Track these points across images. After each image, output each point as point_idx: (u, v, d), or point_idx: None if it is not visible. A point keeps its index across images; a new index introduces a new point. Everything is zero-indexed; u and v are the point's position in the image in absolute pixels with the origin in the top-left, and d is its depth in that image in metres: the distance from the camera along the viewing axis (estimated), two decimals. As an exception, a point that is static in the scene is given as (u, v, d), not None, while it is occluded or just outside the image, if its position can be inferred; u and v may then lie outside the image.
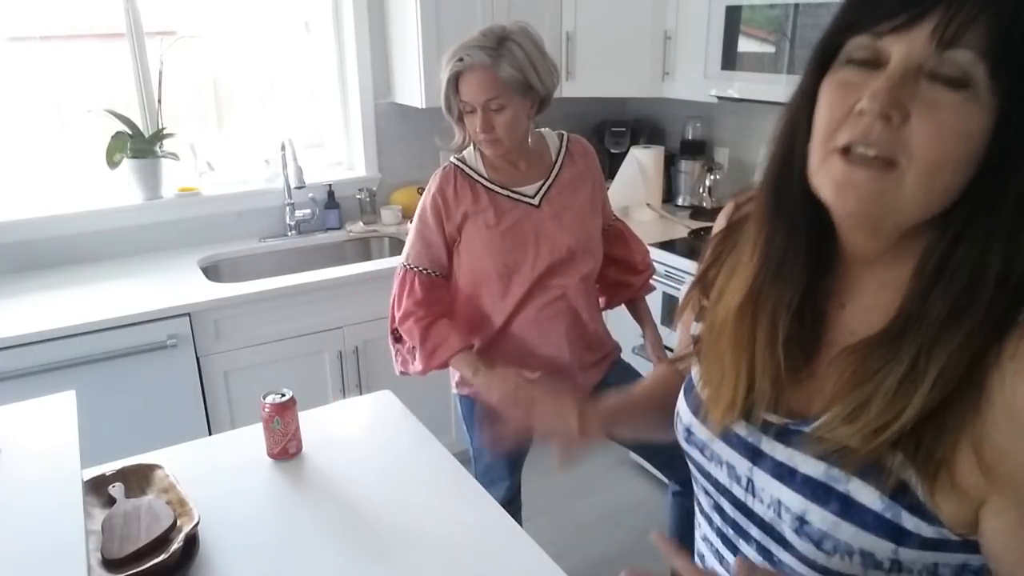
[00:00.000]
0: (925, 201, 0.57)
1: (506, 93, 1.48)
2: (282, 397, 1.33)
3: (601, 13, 2.65)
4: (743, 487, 0.73)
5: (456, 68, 1.48)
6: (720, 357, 0.73)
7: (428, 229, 1.61)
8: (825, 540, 0.65)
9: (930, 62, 0.54)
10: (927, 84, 0.55)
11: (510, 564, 1.10)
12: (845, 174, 0.58)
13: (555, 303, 1.62)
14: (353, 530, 1.17)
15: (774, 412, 0.70)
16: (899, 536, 0.61)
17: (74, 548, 0.96)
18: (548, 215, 1.60)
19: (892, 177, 0.56)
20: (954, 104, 0.54)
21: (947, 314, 0.57)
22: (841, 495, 0.63)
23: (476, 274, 1.61)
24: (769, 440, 0.70)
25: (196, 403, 2.20)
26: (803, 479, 0.66)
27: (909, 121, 0.55)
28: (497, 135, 1.51)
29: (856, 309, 0.67)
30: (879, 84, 0.55)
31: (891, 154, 0.56)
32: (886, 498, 0.61)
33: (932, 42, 0.54)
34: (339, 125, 2.89)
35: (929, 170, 0.55)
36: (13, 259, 2.36)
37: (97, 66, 2.46)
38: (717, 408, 0.73)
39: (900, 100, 0.55)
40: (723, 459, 0.75)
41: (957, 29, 0.53)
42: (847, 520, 0.63)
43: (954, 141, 0.54)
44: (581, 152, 1.68)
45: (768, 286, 0.69)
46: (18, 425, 1.29)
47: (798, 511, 0.66)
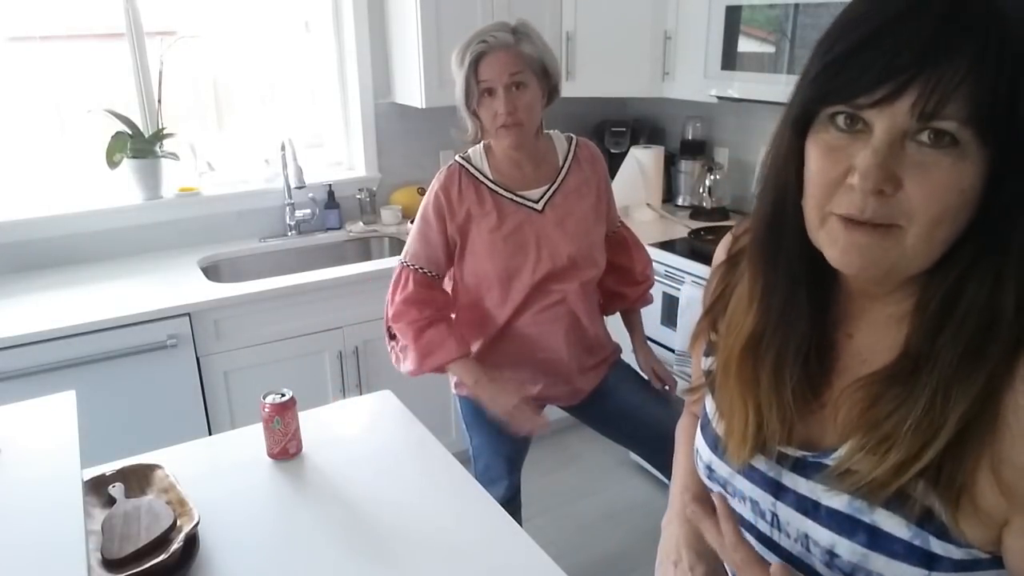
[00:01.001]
0: (928, 253, 0.58)
1: (527, 70, 1.50)
2: (282, 397, 1.33)
3: (601, 13, 2.65)
4: (768, 522, 0.73)
5: (480, 49, 1.47)
6: (729, 395, 0.74)
7: (429, 228, 1.60)
8: (857, 572, 0.65)
9: (914, 128, 0.55)
10: (915, 146, 0.55)
11: (510, 564, 1.10)
12: (848, 238, 0.59)
13: (554, 307, 1.62)
14: (353, 530, 1.17)
15: (788, 444, 0.70)
16: (930, 562, 0.61)
17: (74, 548, 0.96)
18: (551, 221, 1.59)
19: (893, 238, 0.57)
20: (944, 164, 0.54)
21: (962, 355, 0.58)
22: (868, 526, 0.63)
23: (478, 277, 1.61)
24: (789, 473, 0.70)
25: (196, 403, 2.20)
26: (827, 512, 0.66)
27: (903, 187, 0.56)
28: (519, 117, 1.50)
29: (865, 339, 0.68)
30: (868, 160, 0.56)
31: (891, 219, 0.57)
32: (913, 526, 0.61)
33: (913, 116, 0.54)
34: (339, 125, 2.89)
35: (929, 227, 0.56)
36: (13, 259, 2.36)
37: (97, 66, 2.46)
38: (732, 443, 0.73)
39: (891, 171, 0.55)
40: (746, 495, 0.75)
41: (938, 102, 0.53)
42: (876, 551, 0.63)
43: (949, 198, 0.55)
44: (588, 157, 1.67)
45: (771, 335, 0.69)
46: (18, 425, 1.29)
47: (827, 545, 0.66)
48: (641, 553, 2.33)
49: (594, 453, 2.83)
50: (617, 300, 1.82)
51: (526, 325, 1.62)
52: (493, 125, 1.52)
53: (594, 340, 1.72)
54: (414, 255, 1.62)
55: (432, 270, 1.62)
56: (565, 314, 1.63)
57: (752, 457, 0.73)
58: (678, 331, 2.34)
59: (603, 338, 1.76)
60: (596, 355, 1.73)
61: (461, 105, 1.54)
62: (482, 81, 1.48)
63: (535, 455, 1.85)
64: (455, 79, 1.53)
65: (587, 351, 1.71)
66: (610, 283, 1.77)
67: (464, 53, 1.49)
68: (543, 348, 1.65)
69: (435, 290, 1.64)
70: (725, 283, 0.79)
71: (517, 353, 1.65)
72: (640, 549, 2.35)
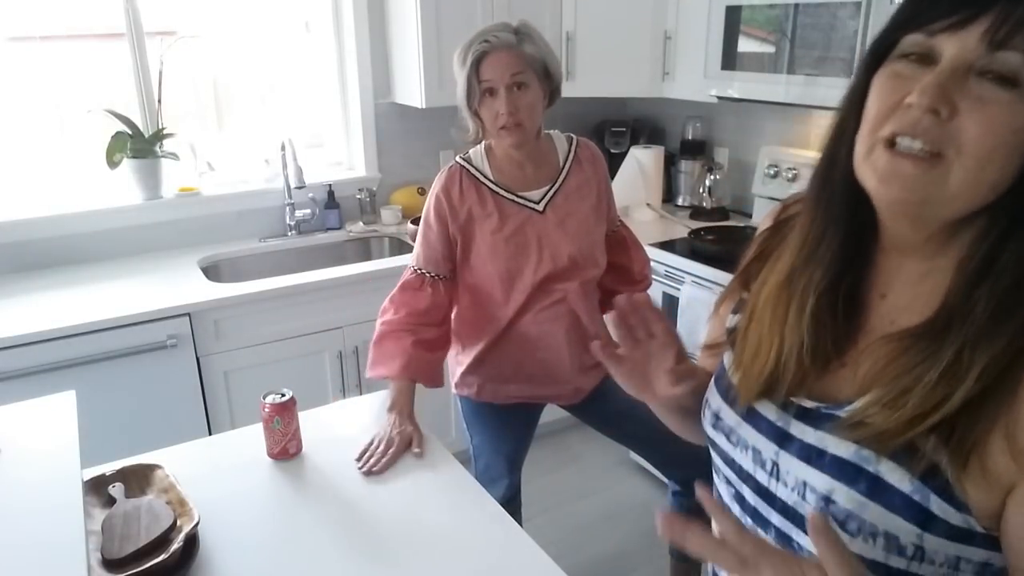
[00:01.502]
0: (970, 194, 0.58)
1: (529, 71, 1.50)
2: (282, 397, 1.33)
3: (601, 13, 2.65)
4: (767, 471, 0.73)
5: (482, 48, 1.47)
6: (756, 336, 0.74)
7: (429, 229, 1.60)
8: (850, 520, 0.64)
9: (981, 61, 0.56)
10: (976, 81, 0.56)
11: (510, 564, 1.10)
12: (891, 164, 0.60)
13: (555, 306, 1.62)
14: (353, 530, 1.17)
15: (806, 397, 0.70)
16: (925, 520, 0.61)
17: (74, 548, 0.96)
18: (552, 222, 1.59)
19: (938, 169, 0.58)
20: (1003, 101, 0.55)
21: (993, 311, 0.58)
22: (871, 475, 0.63)
23: (479, 278, 1.61)
24: (798, 423, 0.70)
25: (196, 403, 2.20)
26: (832, 460, 0.66)
27: (958, 115, 0.56)
28: (520, 117, 1.50)
29: (897, 299, 0.68)
30: (929, 79, 0.57)
31: (939, 147, 0.57)
32: (916, 480, 0.61)
33: (984, 42, 0.55)
34: (339, 125, 2.89)
35: (976, 163, 0.57)
36: (13, 259, 2.36)
37: (97, 66, 2.46)
38: (745, 386, 0.74)
39: (949, 95, 0.56)
40: (749, 443, 0.75)
41: (1009, 31, 0.54)
42: (875, 500, 0.63)
43: (1002, 136, 0.56)
44: (589, 158, 1.67)
45: (801, 268, 0.71)
46: (18, 425, 1.29)
47: (824, 491, 0.66)
48: (641, 553, 2.34)
49: (594, 453, 2.83)
50: (623, 277, 1.80)
51: (527, 325, 1.62)
52: (494, 125, 1.52)
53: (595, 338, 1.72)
54: (416, 255, 1.64)
55: (429, 270, 1.61)
56: (566, 313, 1.63)
57: (758, 399, 0.73)
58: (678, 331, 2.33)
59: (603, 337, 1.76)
60: None
61: (462, 105, 1.54)
62: (484, 81, 1.48)
63: (535, 455, 1.85)
64: (456, 79, 1.53)
65: (587, 350, 1.71)
66: (607, 282, 1.77)
67: (466, 53, 1.49)
68: (544, 347, 1.65)
69: (421, 291, 1.60)
70: (765, 246, 0.80)
71: (519, 352, 1.65)
72: (640, 549, 2.35)
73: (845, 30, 1.96)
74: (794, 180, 2.50)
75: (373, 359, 1.58)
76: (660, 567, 2.10)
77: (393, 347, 1.55)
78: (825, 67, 2.04)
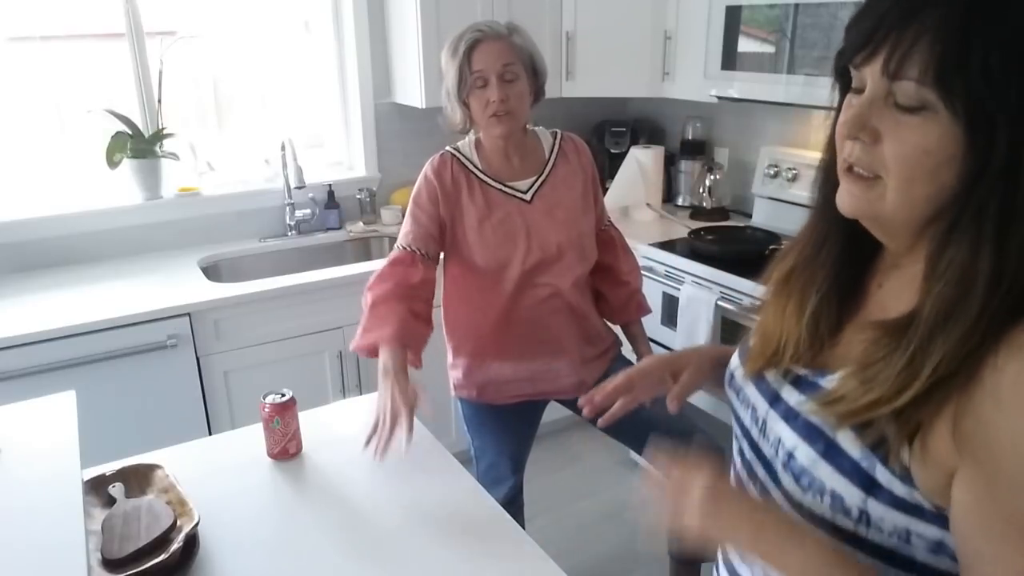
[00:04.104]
0: (908, 208, 0.65)
1: (519, 63, 1.52)
2: (282, 397, 1.33)
3: (601, 13, 2.65)
4: (759, 428, 0.81)
5: (474, 37, 1.50)
6: (764, 318, 0.84)
7: (421, 211, 1.59)
8: (803, 475, 0.71)
9: (885, 89, 0.62)
10: (892, 107, 0.62)
11: (510, 564, 1.10)
12: (845, 185, 0.69)
13: (551, 300, 1.62)
14: (353, 530, 1.17)
15: (802, 367, 0.77)
16: (870, 486, 0.66)
17: (74, 548, 0.96)
18: (540, 211, 1.60)
19: (876, 190, 0.65)
20: (913, 125, 0.61)
21: (938, 314, 0.62)
22: (828, 439, 0.69)
23: (467, 267, 1.61)
24: (788, 387, 0.78)
25: (196, 403, 2.20)
26: (803, 421, 0.73)
27: (881, 141, 0.63)
28: (510, 106, 1.51)
29: (891, 290, 0.74)
30: (849, 111, 0.65)
31: (873, 170, 0.65)
32: (865, 448, 0.66)
33: (883, 75, 0.61)
34: (339, 125, 2.89)
35: (902, 181, 0.63)
36: (13, 259, 2.36)
37: (97, 66, 2.46)
38: (751, 358, 0.84)
39: (867, 124, 0.64)
40: (750, 402, 0.83)
41: (899, 62, 0.60)
42: (827, 460, 0.69)
43: (917, 156, 0.61)
44: (573, 149, 1.68)
45: (800, 271, 0.79)
46: (18, 425, 1.29)
47: (789, 447, 0.74)
48: (641, 553, 2.33)
49: (594, 453, 2.83)
50: (602, 304, 1.78)
51: (526, 319, 1.63)
52: (484, 114, 1.53)
53: (593, 330, 1.72)
54: (403, 235, 1.61)
55: (419, 247, 1.58)
56: (563, 306, 1.64)
57: (758, 372, 0.82)
58: (678, 331, 2.34)
59: (602, 329, 1.76)
60: (597, 346, 1.74)
61: (452, 95, 1.55)
62: (476, 71, 1.50)
63: (536, 455, 1.85)
64: (445, 70, 1.55)
65: (588, 341, 1.71)
66: (594, 281, 1.76)
67: (458, 43, 1.51)
68: (544, 341, 1.65)
69: (413, 267, 1.56)
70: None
71: (519, 349, 1.65)
72: (640, 549, 2.35)
73: (845, 30, 1.96)
74: (794, 180, 2.50)
75: (365, 326, 1.51)
76: (660, 567, 2.10)
77: (386, 312, 1.50)
78: (825, 67, 2.04)
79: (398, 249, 1.60)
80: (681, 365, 1.06)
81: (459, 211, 1.58)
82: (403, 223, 1.64)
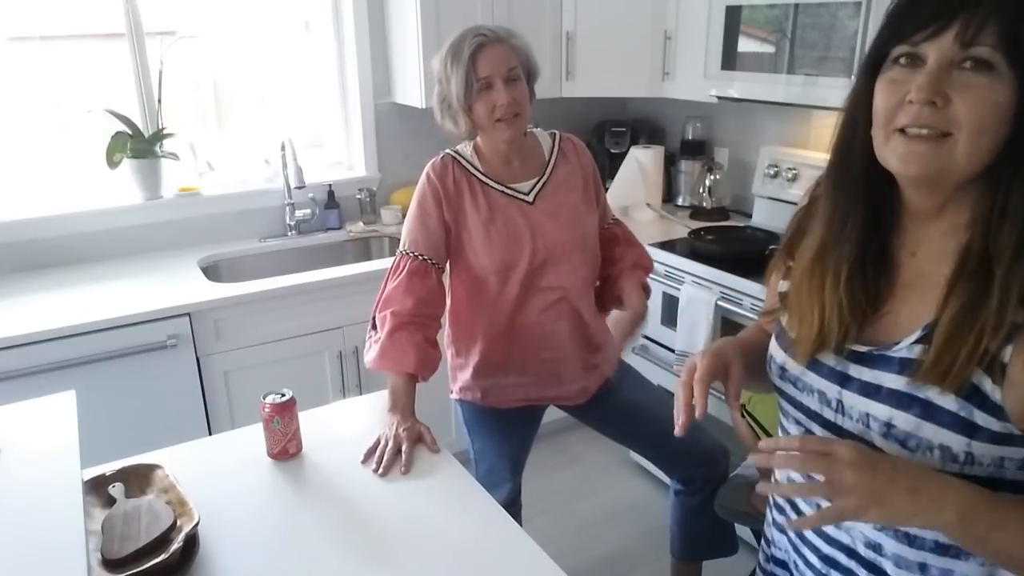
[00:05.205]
0: (975, 159, 0.73)
1: (519, 66, 1.52)
2: (282, 397, 1.33)
3: (601, 13, 2.65)
4: (833, 408, 0.87)
5: (478, 41, 1.48)
6: (800, 303, 0.89)
7: (427, 215, 1.57)
8: (909, 439, 0.78)
9: (958, 56, 0.71)
10: (959, 72, 0.72)
11: (510, 564, 1.10)
12: (907, 147, 0.75)
13: (556, 305, 1.62)
14: (353, 530, 1.17)
15: (858, 343, 0.84)
16: (972, 431, 0.74)
17: (74, 548, 0.96)
18: (543, 212, 1.59)
19: (946, 145, 0.73)
20: (983, 83, 0.71)
21: (1015, 248, 0.72)
22: (922, 401, 0.77)
23: (472, 272, 1.60)
24: (856, 366, 0.84)
25: (196, 403, 2.20)
26: (888, 392, 0.80)
27: (951, 102, 0.72)
28: (518, 107, 1.51)
29: (926, 255, 0.82)
30: (922, 79, 0.73)
31: (944, 128, 0.73)
32: (960, 399, 0.75)
33: (957, 44, 0.71)
34: (339, 125, 2.89)
35: (975, 135, 0.72)
36: (13, 259, 2.36)
37: (97, 66, 2.46)
38: (800, 345, 0.89)
39: (940, 88, 0.72)
40: (814, 388, 0.89)
41: (974, 32, 0.70)
42: (928, 420, 0.76)
43: (989, 110, 0.71)
44: (572, 150, 1.68)
45: (831, 245, 0.86)
46: (18, 425, 1.29)
47: (885, 419, 0.80)
48: (641, 553, 2.34)
49: (594, 453, 2.83)
50: (608, 264, 1.72)
51: (529, 325, 1.62)
52: (491, 119, 1.51)
53: (598, 337, 1.72)
54: (412, 242, 1.58)
55: (431, 257, 1.57)
56: (568, 312, 1.63)
57: (813, 355, 0.87)
58: (678, 331, 2.34)
59: (606, 335, 1.76)
60: (601, 352, 1.73)
61: (456, 101, 1.51)
62: (482, 76, 1.48)
63: (535, 455, 1.85)
64: (443, 78, 1.52)
65: (591, 348, 1.71)
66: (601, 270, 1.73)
67: (460, 47, 1.48)
68: (549, 347, 1.64)
69: (428, 279, 1.56)
70: (802, 222, 0.94)
71: (523, 354, 1.64)
72: (640, 549, 2.36)
73: (845, 30, 1.96)
74: (794, 180, 2.50)
75: (384, 350, 1.51)
76: (660, 567, 2.10)
77: (406, 341, 1.50)
78: (825, 67, 2.04)
79: (410, 257, 1.57)
80: (725, 366, 0.99)
81: (462, 214, 1.57)
82: (407, 227, 1.60)
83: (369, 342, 1.58)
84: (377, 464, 1.32)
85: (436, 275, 1.58)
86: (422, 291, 1.55)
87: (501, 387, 1.68)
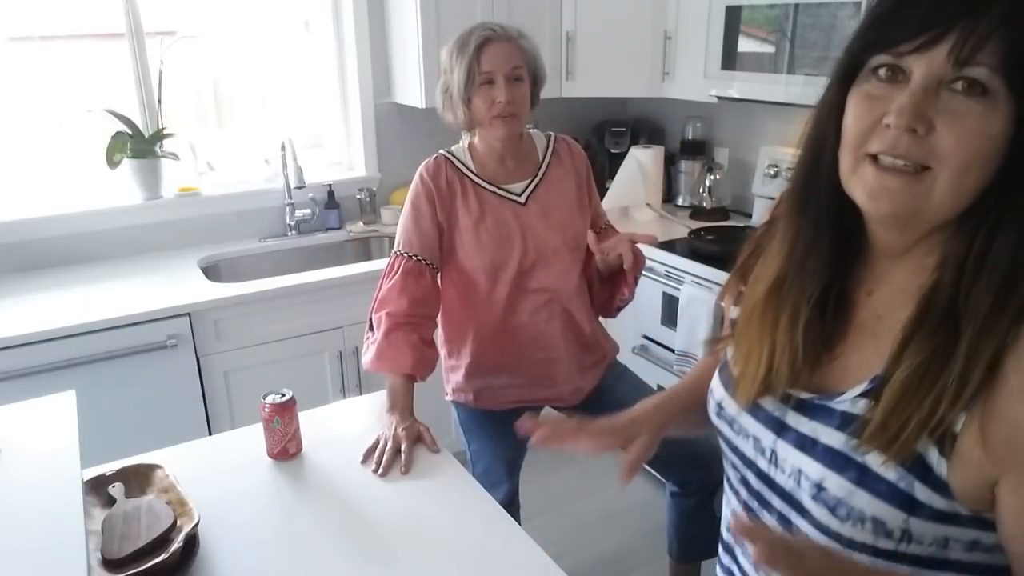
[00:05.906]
0: (955, 201, 0.62)
1: (524, 67, 1.52)
2: (282, 397, 1.33)
3: (601, 13, 2.65)
4: (767, 459, 0.77)
5: (485, 35, 1.49)
6: (749, 339, 0.78)
7: (420, 215, 1.58)
8: (840, 506, 0.67)
9: (949, 76, 0.59)
10: (948, 95, 0.59)
11: (510, 564, 1.10)
12: (878, 180, 0.63)
13: (547, 306, 1.62)
14: (353, 530, 1.17)
15: (803, 389, 0.74)
16: (911, 506, 0.63)
17: (74, 548, 0.96)
18: (535, 212, 1.59)
19: (924, 182, 0.61)
20: (975, 111, 0.58)
21: (992, 304, 0.60)
22: (859, 464, 0.66)
23: (463, 272, 1.60)
24: (794, 413, 0.74)
25: (196, 403, 2.20)
26: (824, 449, 0.70)
27: (935, 130, 0.60)
28: (516, 107, 1.51)
29: (884, 295, 0.71)
30: (904, 100, 0.60)
31: (923, 161, 0.61)
32: (901, 468, 0.64)
33: (950, 61, 0.58)
34: (339, 125, 2.89)
35: (958, 172, 0.60)
36: (13, 259, 2.36)
37: (97, 66, 2.46)
38: (743, 384, 0.78)
39: (924, 113, 0.60)
40: (749, 432, 0.79)
41: (972, 49, 0.57)
42: (862, 488, 0.66)
43: (979, 144, 0.59)
44: (567, 151, 1.68)
45: (792, 280, 0.75)
46: (18, 425, 1.29)
47: (817, 479, 0.69)
48: (640, 553, 2.34)
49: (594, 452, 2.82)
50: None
51: (522, 326, 1.62)
52: (488, 114, 1.52)
53: (591, 338, 1.72)
54: (407, 243, 1.59)
55: (425, 257, 1.57)
56: (560, 313, 1.63)
57: (756, 399, 0.77)
58: (678, 331, 2.34)
59: (600, 336, 1.76)
60: (594, 353, 1.73)
61: (456, 92, 1.53)
62: (485, 70, 1.49)
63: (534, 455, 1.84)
64: (446, 68, 1.53)
65: (585, 349, 1.71)
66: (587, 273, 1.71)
67: (467, 40, 1.50)
68: (541, 348, 1.64)
69: (423, 279, 1.57)
70: (760, 242, 0.83)
71: (517, 356, 1.64)
72: (639, 549, 2.36)
73: (845, 30, 1.96)
74: (794, 180, 2.50)
75: (380, 350, 1.52)
76: (659, 567, 2.10)
77: (402, 342, 1.51)
78: (825, 67, 2.03)
79: (405, 257, 1.57)
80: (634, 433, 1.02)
81: (454, 215, 1.58)
82: (401, 228, 1.61)
83: (366, 343, 1.59)
84: (377, 464, 1.32)
85: (431, 275, 1.58)
86: (417, 291, 1.55)
87: (494, 389, 1.68)
